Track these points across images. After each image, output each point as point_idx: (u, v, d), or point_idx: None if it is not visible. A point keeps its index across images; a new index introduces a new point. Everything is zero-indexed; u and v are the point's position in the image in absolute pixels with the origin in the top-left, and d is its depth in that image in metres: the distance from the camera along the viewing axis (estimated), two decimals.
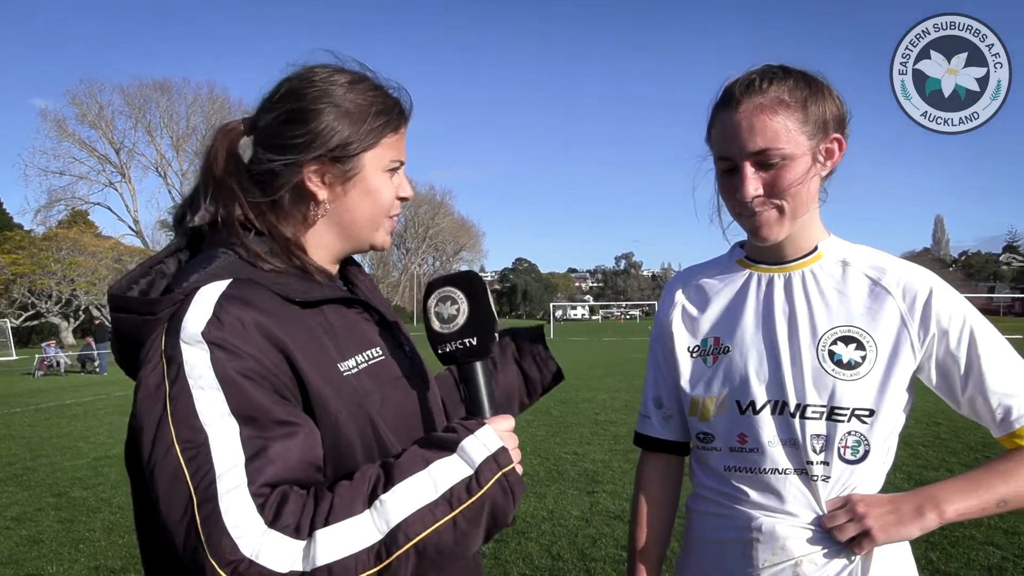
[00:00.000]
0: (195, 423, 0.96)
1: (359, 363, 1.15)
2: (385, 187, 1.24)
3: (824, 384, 1.30)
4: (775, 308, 1.37)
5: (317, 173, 1.19)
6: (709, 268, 1.53)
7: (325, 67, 1.23)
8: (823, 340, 1.32)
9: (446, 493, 0.99)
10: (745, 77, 1.32)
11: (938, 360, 1.31)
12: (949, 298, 1.32)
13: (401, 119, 1.25)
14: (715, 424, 1.39)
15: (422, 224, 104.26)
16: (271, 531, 0.92)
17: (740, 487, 1.36)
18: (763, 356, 1.35)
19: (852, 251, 1.41)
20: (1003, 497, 1.26)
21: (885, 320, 1.32)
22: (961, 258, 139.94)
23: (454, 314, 1.18)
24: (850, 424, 1.29)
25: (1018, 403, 1.27)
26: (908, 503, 1.27)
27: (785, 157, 1.27)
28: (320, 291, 1.17)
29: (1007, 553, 4.50)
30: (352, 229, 1.24)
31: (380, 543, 0.95)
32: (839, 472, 1.30)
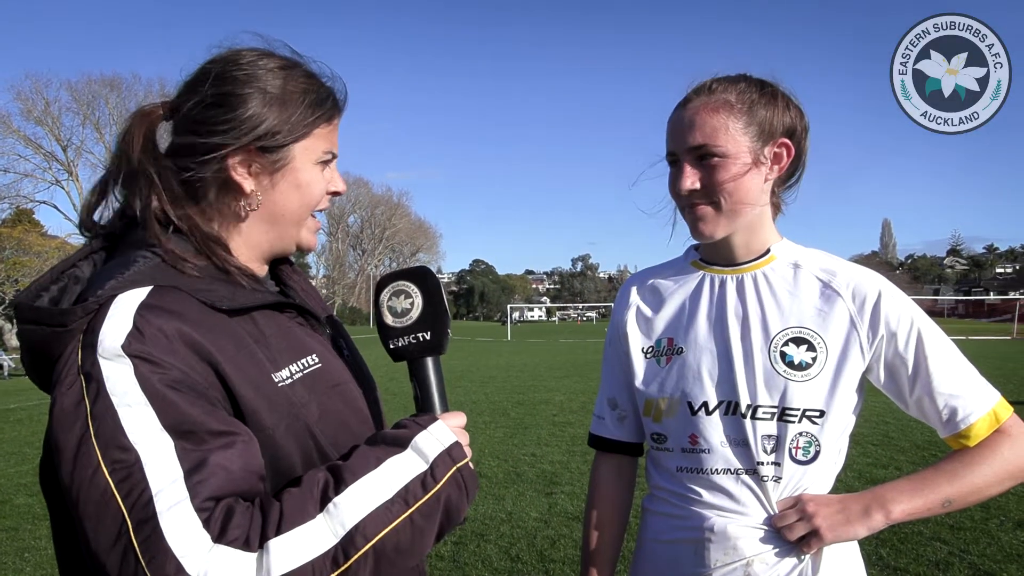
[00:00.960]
0: (124, 442, 0.88)
1: (294, 373, 1.08)
2: (316, 180, 1.16)
3: (775, 385, 1.32)
4: (728, 309, 1.39)
5: (243, 163, 1.10)
6: (664, 269, 1.55)
7: (254, 50, 1.14)
8: (775, 341, 1.34)
9: (401, 491, 0.96)
10: (702, 82, 1.36)
11: (887, 361, 1.34)
12: (897, 301, 1.34)
13: (335, 110, 1.18)
14: (668, 425, 1.40)
15: (379, 225, 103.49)
16: (219, 547, 0.86)
17: (692, 487, 1.37)
18: (715, 357, 1.37)
19: (804, 254, 1.43)
20: (948, 497, 1.29)
21: (835, 322, 1.34)
22: (908, 261, 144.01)
23: (408, 308, 1.15)
24: (801, 425, 1.31)
25: (963, 404, 1.30)
26: (856, 503, 1.30)
27: (723, 155, 1.31)
28: (248, 297, 1.09)
29: (953, 548, 4.63)
30: (280, 225, 1.15)
31: (336, 547, 0.91)
32: (790, 473, 1.32)
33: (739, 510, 1.33)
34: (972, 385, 1.32)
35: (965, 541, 4.75)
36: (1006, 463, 1.29)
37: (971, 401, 1.31)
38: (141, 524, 0.85)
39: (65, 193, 58.67)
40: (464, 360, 23.06)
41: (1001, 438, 1.30)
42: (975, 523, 5.09)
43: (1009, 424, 1.31)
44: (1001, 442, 1.30)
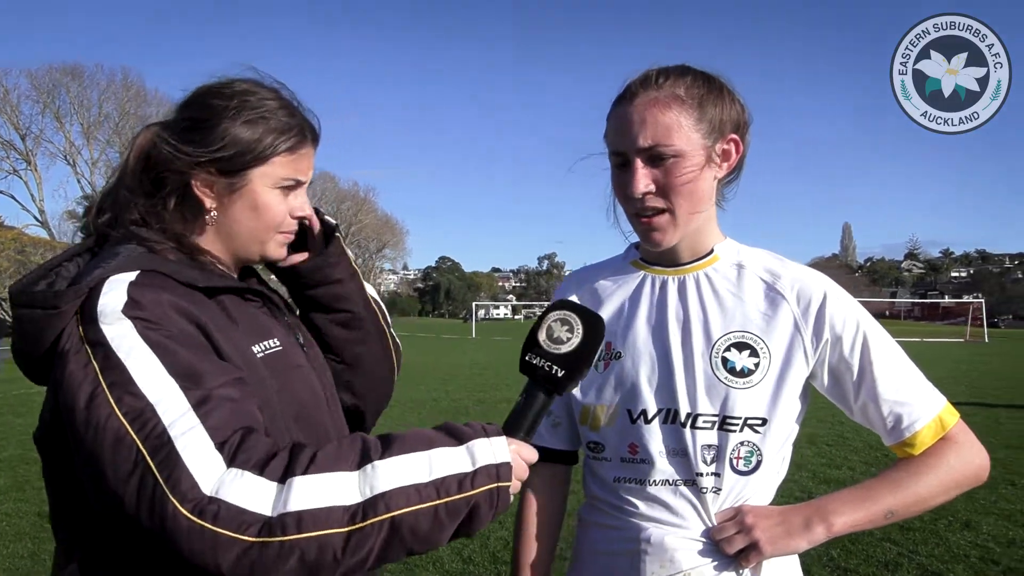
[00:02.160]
0: (134, 390, 0.96)
1: (258, 351, 1.18)
2: (275, 204, 1.25)
3: (717, 392, 1.27)
4: (668, 312, 1.34)
5: (204, 182, 1.21)
6: (603, 269, 1.48)
7: (244, 81, 1.26)
8: (716, 346, 1.29)
9: (438, 480, 0.98)
10: (644, 73, 1.29)
11: (831, 366, 1.29)
12: (843, 303, 1.30)
13: (300, 139, 1.26)
14: (606, 433, 1.35)
15: (344, 221, 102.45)
16: (234, 469, 0.92)
17: (629, 499, 1.32)
18: (655, 363, 1.31)
19: (748, 254, 1.38)
20: (890, 508, 1.25)
21: (779, 326, 1.29)
22: (867, 264, 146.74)
23: (562, 339, 1.14)
24: (742, 434, 1.26)
25: (908, 411, 1.27)
26: (797, 516, 1.26)
27: (676, 154, 1.24)
28: (219, 280, 1.20)
29: (902, 549, 4.68)
30: (237, 241, 1.26)
31: (359, 505, 0.93)
32: (731, 483, 1.27)
33: (677, 522, 1.29)
34: (918, 391, 1.28)
35: (914, 542, 4.80)
36: (951, 471, 1.26)
37: (916, 408, 1.27)
38: (157, 450, 0.92)
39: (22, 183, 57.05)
40: (428, 357, 22.95)
41: (947, 446, 1.27)
42: (924, 523, 5.15)
43: (955, 431, 1.28)
44: (946, 450, 1.26)
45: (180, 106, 1.26)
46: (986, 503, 5.74)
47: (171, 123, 1.24)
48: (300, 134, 1.26)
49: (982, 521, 5.27)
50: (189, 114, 1.23)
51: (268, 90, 1.27)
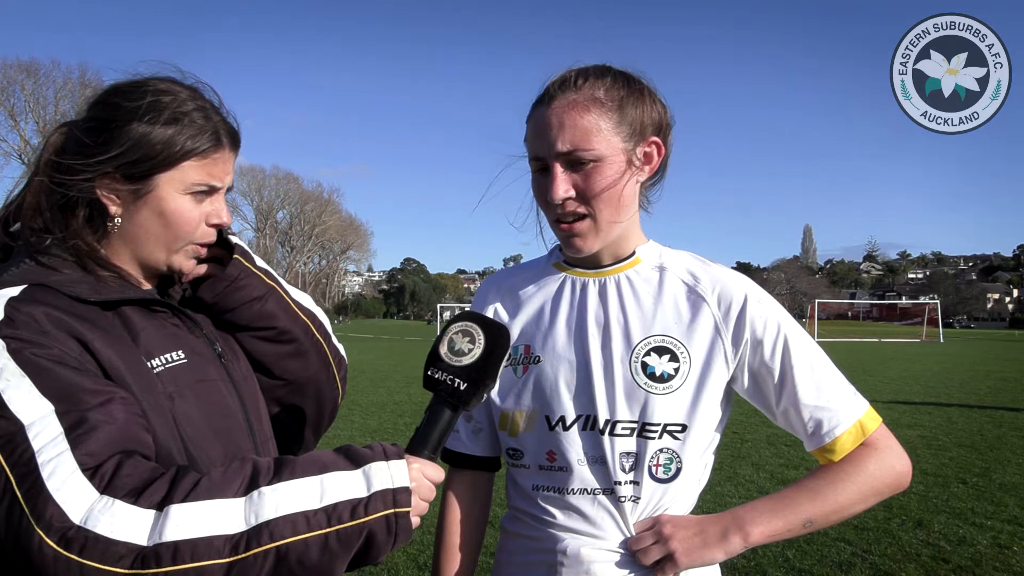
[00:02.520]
0: (5, 413, 0.92)
1: (157, 365, 1.13)
2: (186, 210, 1.19)
3: (636, 398, 1.24)
4: (588, 316, 1.30)
5: (109, 187, 1.15)
6: (525, 270, 1.44)
7: (160, 80, 1.20)
8: (636, 351, 1.26)
9: (329, 506, 0.94)
10: (562, 75, 1.25)
11: (752, 370, 1.27)
12: (765, 306, 1.27)
13: (214, 143, 1.19)
14: (524, 440, 1.31)
15: (308, 222, 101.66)
16: (106, 497, 0.88)
17: (547, 508, 1.29)
18: (574, 368, 1.28)
19: (670, 256, 1.35)
20: (809, 517, 1.23)
21: (700, 329, 1.27)
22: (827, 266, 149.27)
23: (464, 351, 1.11)
24: (662, 441, 1.23)
25: (829, 416, 1.24)
26: (714, 526, 1.23)
27: (596, 158, 1.21)
28: (118, 292, 1.15)
29: (856, 548, 4.72)
30: (143, 249, 1.20)
31: (242, 534, 0.89)
32: (650, 491, 1.25)
33: (595, 533, 1.25)
34: (839, 396, 1.26)
35: (868, 541, 4.85)
36: (871, 479, 1.23)
37: (837, 413, 1.24)
38: (24, 477, 0.88)
39: None
40: (391, 360, 22.76)
41: (867, 452, 1.24)
42: (878, 523, 5.21)
43: (876, 436, 1.25)
44: (867, 456, 1.24)
45: (89, 105, 1.19)
46: (938, 502, 5.84)
47: (79, 123, 1.18)
48: (215, 138, 1.19)
49: (934, 520, 5.35)
50: (95, 114, 1.17)
51: (185, 90, 1.20)
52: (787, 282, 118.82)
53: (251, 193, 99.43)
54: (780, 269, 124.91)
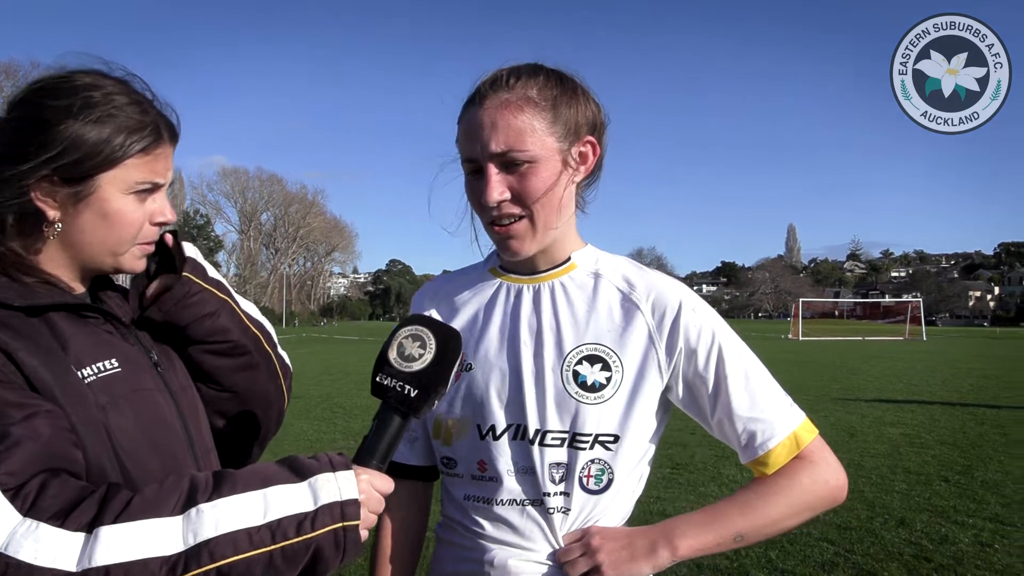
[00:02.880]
0: None
1: (89, 374, 1.06)
2: (130, 211, 1.12)
3: (567, 408, 1.21)
4: (521, 323, 1.27)
5: (45, 191, 1.07)
6: (461, 276, 1.42)
7: (87, 73, 1.12)
8: (568, 359, 1.23)
9: (273, 523, 0.89)
10: (494, 74, 1.22)
11: (686, 380, 1.24)
12: (700, 314, 1.25)
13: (155, 138, 1.13)
14: (457, 449, 1.28)
15: (292, 224, 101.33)
16: (29, 520, 0.83)
17: (477, 518, 1.26)
18: (506, 376, 1.25)
19: (606, 262, 1.32)
20: (740, 531, 1.20)
21: (633, 337, 1.24)
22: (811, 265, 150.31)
23: (414, 356, 1.07)
24: (593, 451, 1.21)
25: (763, 428, 1.21)
26: (644, 538, 1.20)
27: (531, 159, 1.18)
28: (45, 297, 1.08)
29: (839, 548, 4.70)
30: (87, 253, 1.13)
31: (180, 555, 0.85)
32: (580, 503, 1.22)
33: (523, 544, 1.23)
34: (773, 407, 1.23)
35: (850, 541, 4.84)
36: (804, 493, 1.21)
37: (771, 425, 1.21)
38: None
39: None
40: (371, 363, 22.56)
41: (800, 465, 1.21)
42: (860, 522, 5.21)
43: (811, 449, 1.22)
44: (800, 470, 1.21)
45: (11, 104, 1.11)
46: (920, 500, 5.85)
47: (3, 124, 1.10)
48: (155, 132, 1.13)
49: (916, 518, 5.35)
50: (23, 113, 1.08)
51: (115, 83, 1.13)
52: (771, 281, 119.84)
53: (235, 195, 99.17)
54: (764, 268, 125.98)
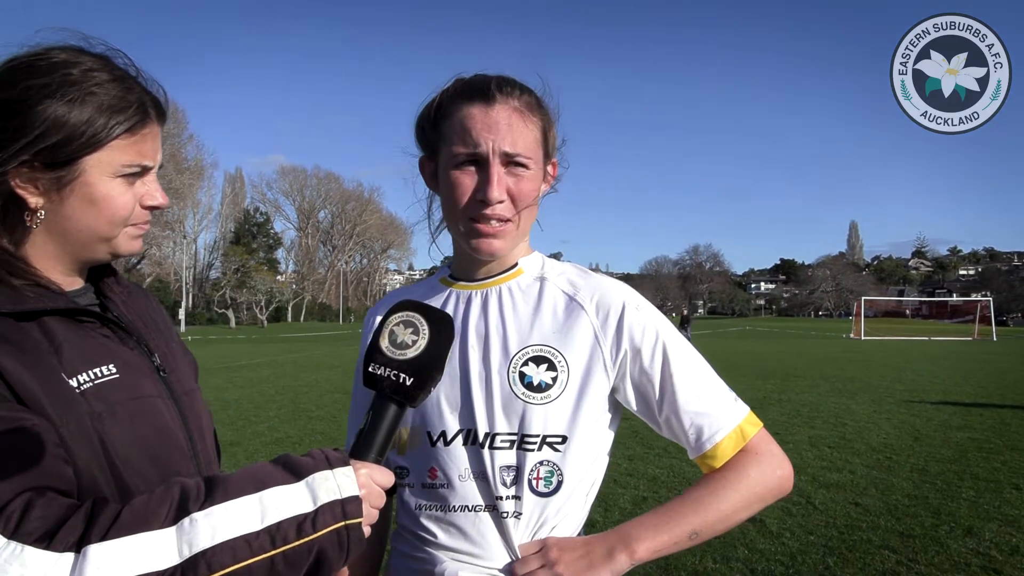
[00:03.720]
0: None
1: (84, 381, 1.01)
2: (118, 194, 1.06)
3: (514, 409, 1.22)
4: (470, 328, 1.29)
5: (26, 177, 1.02)
6: (415, 289, 1.44)
7: (63, 50, 1.05)
8: (514, 361, 1.24)
9: (272, 526, 0.86)
10: (497, 78, 1.25)
11: (633, 380, 1.25)
12: (643, 313, 1.26)
13: (141, 117, 1.07)
14: (411, 457, 1.28)
15: (349, 221, 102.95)
16: (14, 544, 0.79)
17: (429, 527, 1.25)
18: (456, 381, 1.26)
19: (552, 267, 1.36)
20: (694, 529, 1.20)
21: (578, 338, 1.25)
22: (873, 262, 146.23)
23: (407, 343, 1.04)
24: (541, 453, 1.21)
25: (709, 422, 1.22)
26: (601, 545, 1.19)
27: (528, 167, 1.23)
28: (35, 302, 1.02)
29: (901, 557, 4.53)
30: (77, 240, 1.07)
31: (176, 568, 0.81)
32: (531, 506, 1.21)
33: (477, 552, 1.22)
34: (718, 402, 1.24)
35: (913, 550, 4.66)
36: (752, 485, 1.21)
37: (716, 419, 1.22)
38: None
39: None
40: None
41: (747, 458, 1.22)
42: (925, 530, 5.02)
43: (756, 441, 1.23)
44: (747, 462, 1.22)
45: None
46: (990, 508, 5.60)
47: None
48: (140, 111, 1.06)
49: (984, 527, 5.12)
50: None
51: (95, 59, 1.06)
52: (832, 279, 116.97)
53: (293, 193, 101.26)
54: (825, 266, 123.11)
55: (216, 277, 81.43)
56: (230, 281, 75.70)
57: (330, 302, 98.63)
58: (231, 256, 78.87)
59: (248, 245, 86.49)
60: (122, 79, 1.07)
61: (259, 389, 13.67)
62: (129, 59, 1.11)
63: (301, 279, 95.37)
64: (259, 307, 77.41)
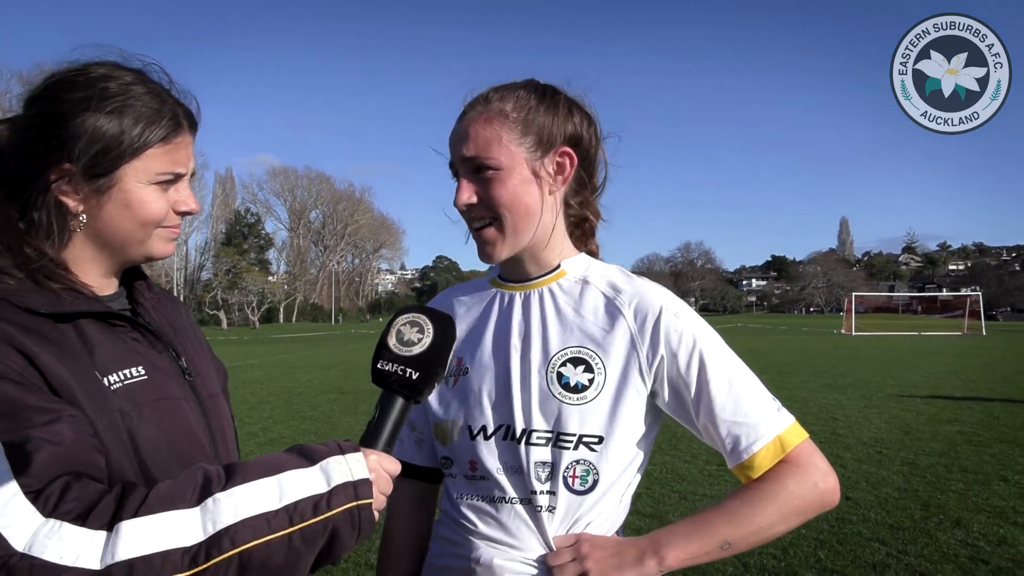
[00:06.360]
0: None
1: (115, 381, 1.06)
2: (153, 200, 1.13)
3: (550, 408, 1.24)
4: (512, 328, 1.33)
5: (67, 186, 1.08)
6: (467, 288, 1.48)
7: (101, 65, 1.12)
8: (553, 361, 1.27)
9: (290, 506, 0.91)
10: (481, 93, 1.30)
11: (670, 384, 1.25)
12: (680, 318, 1.26)
13: (174, 128, 1.13)
14: (453, 449, 1.33)
15: (341, 221, 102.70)
16: (52, 521, 0.84)
17: (468, 515, 1.30)
18: (496, 378, 1.30)
19: (596, 269, 1.37)
20: (726, 539, 1.19)
21: (616, 341, 1.26)
22: (864, 258, 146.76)
23: (413, 341, 1.11)
24: (577, 452, 1.23)
25: (747, 432, 1.21)
26: (632, 548, 1.21)
27: (496, 167, 1.25)
28: (71, 305, 1.07)
29: (891, 549, 4.58)
30: (114, 244, 1.14)
31: (200, 545, 0.86)
32: (566, 502, 1.24)
33: (511, 542, 1.25)
34: (758, 410, 1.22)
35: (903, 541, 4.72)
36: (791, 498, 1.19)
37: (755, 428, 1.21)
38: None
39: None
40: None
41: (787, 469, 1.20)
42: (914, 522, 5.08)
43: (797, 452, 1.21)
44: (786, 474, 1.20)
45: (28, 100, 1.11)
46: (978, 500, 5.67)
47: (20, 120, 1.10)
48: (173, 121, 1.13)
49: (973, 519, 5.19)
50: (39, 109, 1.09)
51: (131, 73, 1.13)
52: (823, 275, 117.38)
53: (284, 194, 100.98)
54: (816, 262, 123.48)
55: (207, 278, 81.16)
56: (221, 282, 75.48)
57: (322, 302, 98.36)
58: (222, 257, 78.70)
59: (239, 246, 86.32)
60: (156, 92, 1.14)
61: (252, 390, 13.66)
62: (164, 71, 1.18)
63: (293, 280, 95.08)
64: (251, 308, 77.22)
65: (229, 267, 76.79)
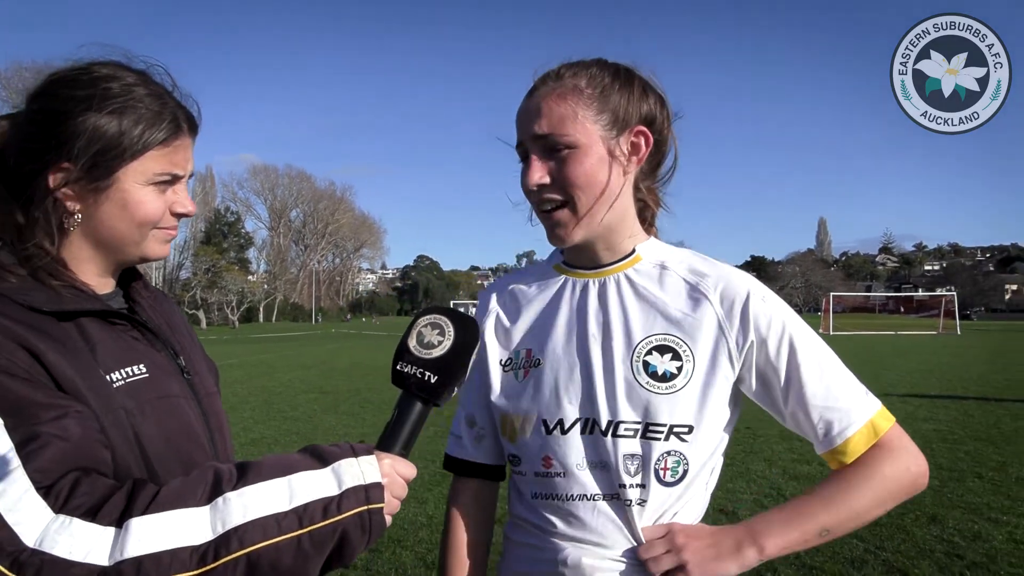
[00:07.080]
0: None
1: (117, 379, 1.06)
2: (150, 201, 1.13)
3: (638, 398, 1.19)
4: (588, 316, 1.27)
5: (67, 184, 1.08)
6: (526, 275, 1.41)
7: (105, 65, 1.12)
8: (638, 350, 1.21)
9: (300, 507, 0.91)
10: (551, 69, 1.25)
11: (758, 370, 1.22)
12: (768, 303, 1.23)
13: (174, 130, 1.14)
14: (523, 446, 1.27)
15: (321, 220, 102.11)
16: (63, 516, 0.84)
17: (547, 516, 1.24)
18: (574, 369, 1.24)
19: (672, 254, 1.31)
20: (824, 526, 1.18)
21: (703, 327, 1.22)
22: (842, 258, 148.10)
23: (434, 343, 1.08)
24: (668, 443, 1.19)
25: (839, 417, 1.19)
26: (729, 537, 1.18)
27: (571, 145, 1.19)
28: (73, 303, 1.08)
29: (869, 545, 4.65)
30: (110, 243, 1.14)
31: (209, 544, 0.86)
32: (657, 495, 1.20)
33: (598, 540, 1.21)
34: (848, 395, 1.20)
35: (880, 537, 4.78)
36: (886, 482, 1.18)
37: (847, 413, 1.19)
38: None
39: None
40: None
41: (880, 454, 1.18)
42: (891, 518, 5.13)
43: (889, 437, 1.19)
44: (880, 458, 1.18)
45: (30, 96, 1.11)
46: (953, 496, 5.76)
47: (21, 117, 1.10)
48: (173, 124, 1.13)
49: (948, 515, 5.27)
50: (41, 105, 1.08)
51: (133, 74, 1.13)
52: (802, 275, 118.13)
53: (264, 192, 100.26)
54: (795, 262, 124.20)
55: (186, 277, 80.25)
56: (201, 281, 74.73)
57: (302, 302, 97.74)
58: (201, 256, 77.86)
59: (219, 245, 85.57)
60: (158, 94, 1.14)
61: (232, 390, 13.54)
62: (167, 73, 1.18)
63: (273, 279, 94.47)
64: (230, 307, 76.58)
65: (208, 266, 76.05)
